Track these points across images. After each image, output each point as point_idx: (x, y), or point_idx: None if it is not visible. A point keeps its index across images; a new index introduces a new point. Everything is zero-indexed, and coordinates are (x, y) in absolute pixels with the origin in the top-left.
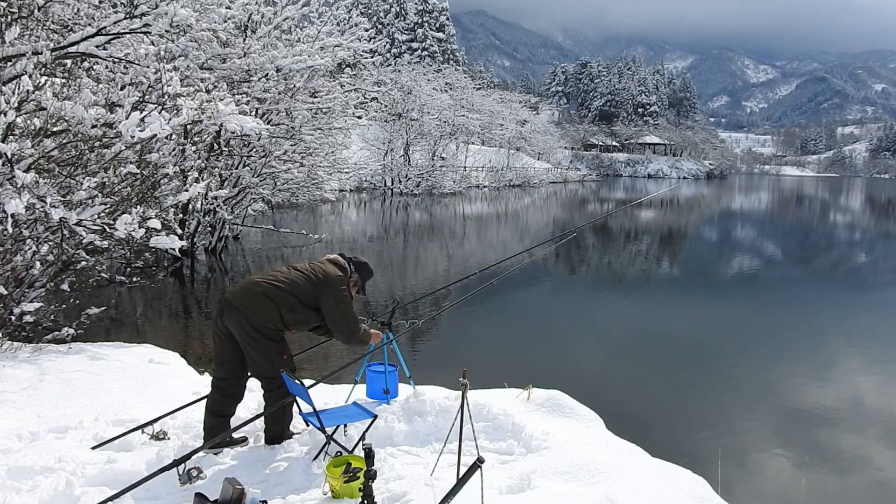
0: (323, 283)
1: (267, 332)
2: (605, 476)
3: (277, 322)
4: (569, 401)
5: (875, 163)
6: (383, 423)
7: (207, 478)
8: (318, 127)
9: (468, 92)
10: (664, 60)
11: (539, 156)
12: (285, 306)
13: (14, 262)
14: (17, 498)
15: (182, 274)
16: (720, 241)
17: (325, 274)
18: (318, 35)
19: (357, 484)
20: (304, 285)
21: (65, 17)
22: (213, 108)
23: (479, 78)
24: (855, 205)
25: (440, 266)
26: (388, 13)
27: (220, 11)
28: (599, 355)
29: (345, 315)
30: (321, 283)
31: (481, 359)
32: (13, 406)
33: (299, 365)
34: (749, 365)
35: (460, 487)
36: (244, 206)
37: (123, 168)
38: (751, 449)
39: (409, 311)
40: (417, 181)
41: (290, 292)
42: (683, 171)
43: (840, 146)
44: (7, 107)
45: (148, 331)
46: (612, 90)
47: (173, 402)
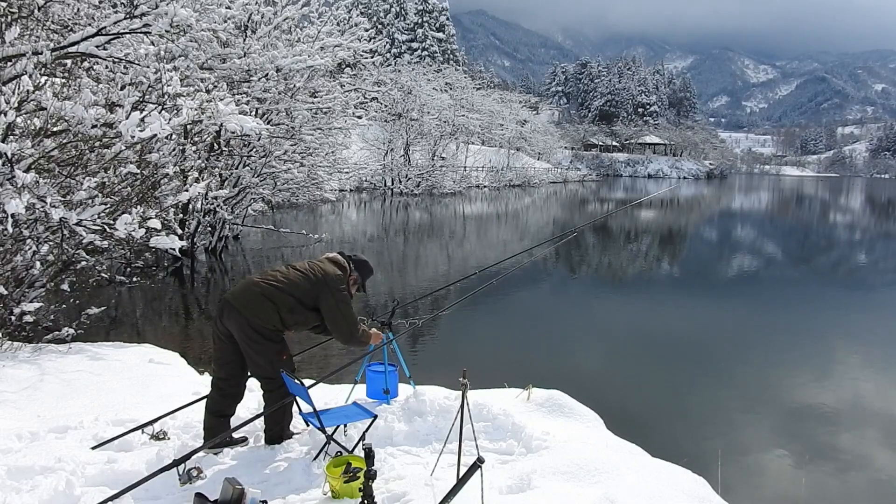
0: (322, 283)
1: (266, 332)
2: (605, 476)
3: (277, 323)
4: (569, 401)
5: (875, 163)
6: (383, 423)
7: (207, 478)
8: (318, 127)
9: (468, 92)
10: (664, 60)
11: (539, 156)
12: (285, 307)
13: (14, 262)
14: (17, 498)
15: (182, 274)
16: (720, 241)
17: (324, 273)
18: (318, 35)
19: (357, 484)
20: (303, 285)
21: (65, 17)
22: (213, 108)
23: (479, 78)
24: (855, 205)
25: (440, 266)
26: (388, 13)
27: (220, 11)
28: (599, 355)
29: (344, 315)
30: (320, 283)
31: (481, 359)
32: (13, 406)
33: (299, 365)
34: (749, 365)
35: (460, 487)
36: (244, 206)
37: (123, 168)
38: (751, 449)
39: (409, 311)
40: (417, 181)
41: (289, 293)
42: (683, 171)
43: (840, 146)
44: (7, 107)
45: (148, 331)
46: (612, 90)
47: (173, 402)
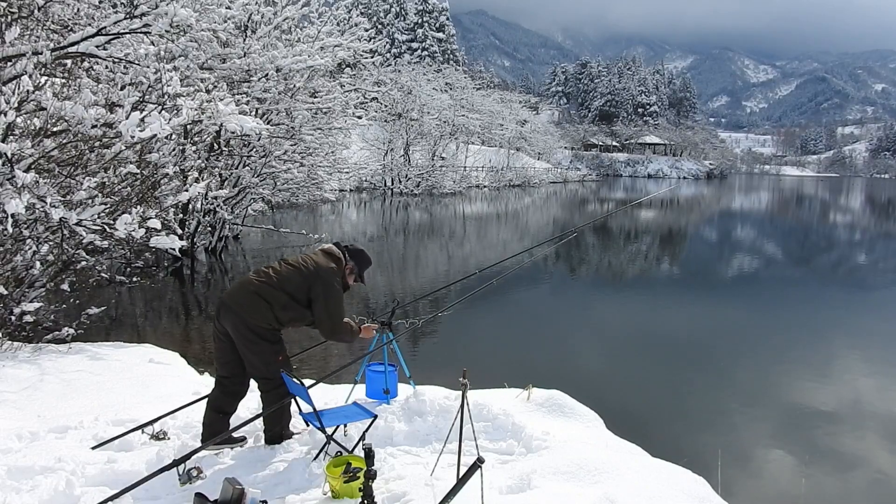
0: (314, 275)
1: (262, 332)
2: (604, 476)
3: (272, 321)
4: (569, 401)
5: (875, 163)
6: (383, 423)
7: (207, 478)
8: (318, 127)
9: (468, 92)
10: (664, 60)
11: (539, 156)
12: (278, 305)
13: (14, 262)
14: (17, 498)
15: (182, 274)
16: (720, 241)
17: (315, 265)
18: (318, 35)
19: (357, 484)
20: (295, 279)
21: (65, 17)
22: (213, 108)
23: (479, 78)
24: (855, 205)
25: (440, 266)
26: (388, 13)
27: (220, 11)
28: (599, 355)
29: (329, 309)
30: (311, 275)
31: (481, 359)
32: (13, 406)
33: (299, 365)
34: (749, 365)
35: (460, 487)
36: (244, 206)
37: (123, 168)
38: (751, 449)
39: (409, 311)
40: (417, 181)
41: (282, 289)
42: (683, 171)
43: (840, 146)
44: (7, 107)
45: (148, 331)
46: (612, 90)
47: (173, 402)
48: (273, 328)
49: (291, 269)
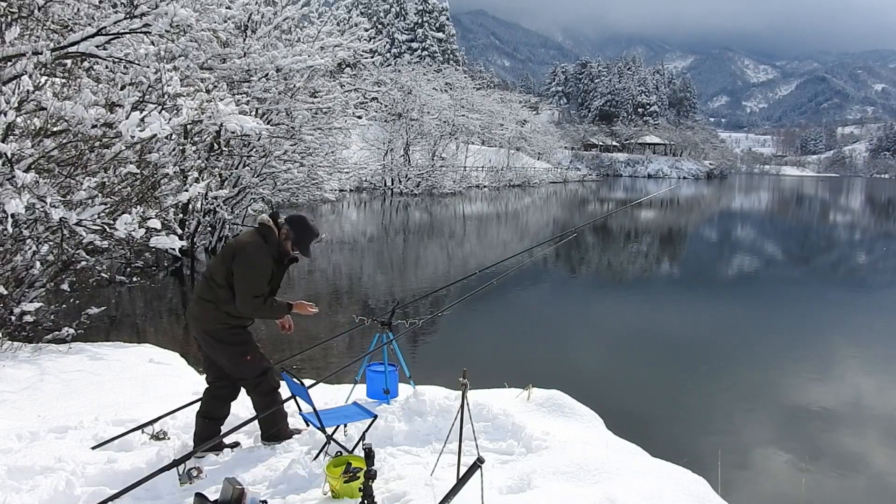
0: (231, 253)
1: (220, 335)
2: (604, 476)
3: (224, 319)
4: (569, 401)
5: (875, 163)
6: (383, 423)
7: (207, 478)
8: (318, 127)
9: (468, 92)
10: (664, 60)
11: (539, 156)
12: (220, 300)
13: (14, 262)
14: (17, 498)
15: (182, 274)
16: (720, 241)
17: (235, 244)
18: (318, 35)
19: (357, 484)
20: (219, 266)
21: (65, 17)
22: (213, 108)
23: (479, 78)
24: (855, 205)
25: (440, 266)
26: (388, 13)
27: (220, 11)
28: (599, 355)
29: (244, 281)
30: (229, 254)
31: (481, 359)
32: (13, 406)
33: (300, 365)
34: (749, 365)
35: (460, 487)
36: (244, 206)
37: (123, 168)
38: (751, 449)
39: (409, 311)
40: (417, 181)
41: (215, 283)
42: (683, 171)
43: (840, 146)
44: (7, 107)
45: (148, 331)
46: (612, 90)
47: (173, 402)
48: (230, 326)
49: (216, 259)
